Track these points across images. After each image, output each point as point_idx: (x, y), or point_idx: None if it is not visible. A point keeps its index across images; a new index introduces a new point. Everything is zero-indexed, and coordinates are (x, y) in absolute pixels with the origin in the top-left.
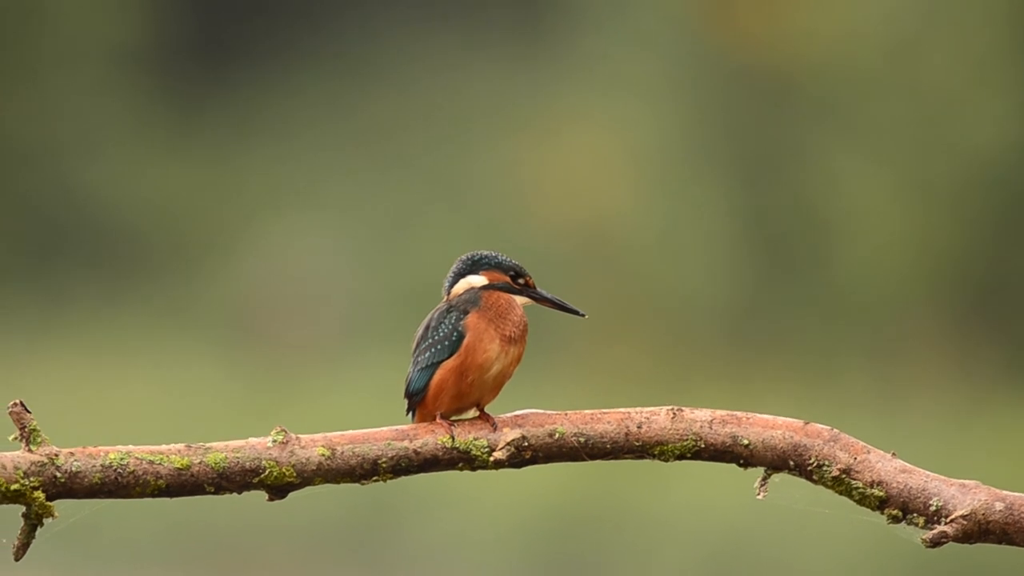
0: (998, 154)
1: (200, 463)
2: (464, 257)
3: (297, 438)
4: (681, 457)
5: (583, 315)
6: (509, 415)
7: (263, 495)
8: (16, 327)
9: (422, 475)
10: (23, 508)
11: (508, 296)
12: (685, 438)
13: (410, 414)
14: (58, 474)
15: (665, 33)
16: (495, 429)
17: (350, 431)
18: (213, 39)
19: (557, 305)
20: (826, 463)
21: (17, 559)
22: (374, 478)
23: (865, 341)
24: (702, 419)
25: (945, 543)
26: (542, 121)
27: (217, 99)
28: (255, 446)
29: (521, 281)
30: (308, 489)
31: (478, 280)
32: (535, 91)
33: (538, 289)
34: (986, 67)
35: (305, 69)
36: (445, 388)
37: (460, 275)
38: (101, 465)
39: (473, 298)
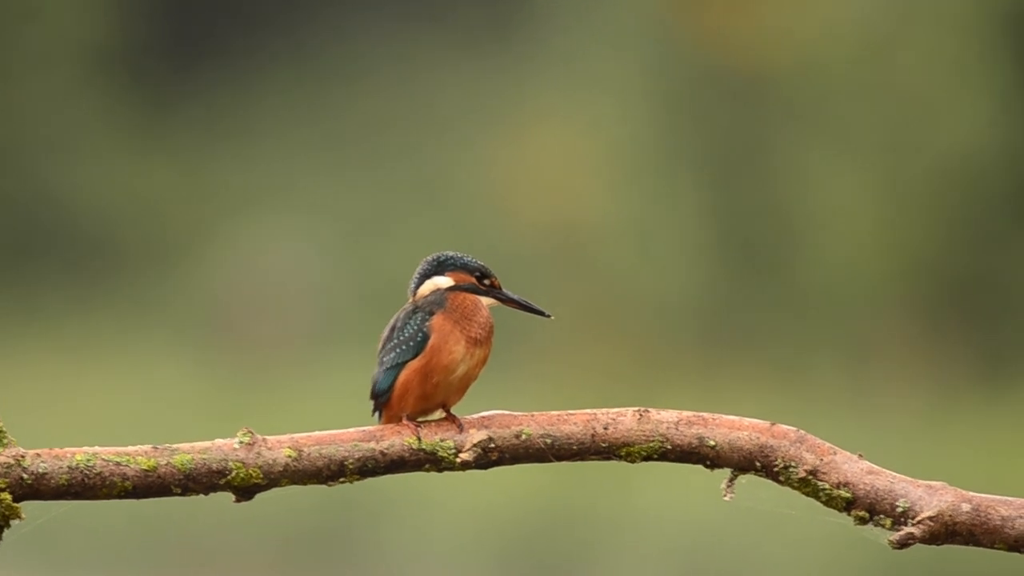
0: (971, 154)
1: (167, 464)
2: (430, 258)
3: (264, 439)
4: (648, 458)
5: (549, 316)
6: (476, 416)
7: (230, 496)
8: None
9: (390, 476)
10: None
11: (474, 297)
12: (651, 439)
13: (376, 415)
14: (25, 475)
15: (638, 32)
16: (461, 430)
17: (316, 432)
18: (186, 40)
19: (523, 306)
20: (792, 464)
21: None
22: (341, 479)
23: (836, 341)
24: (668, 420)
25: (912, 544)
26: (515, 121)
27: (190, 100)
28: (221, 447)
29: (487, 282)
30: (276, 490)
31: (444, 281)
32: (508, 91)
33: (504, 290)
34: (959, 68)
35: (278, 70)
36: (410, 389)
37: (426, 276)
38: (68, 466)
39: (439, 299)
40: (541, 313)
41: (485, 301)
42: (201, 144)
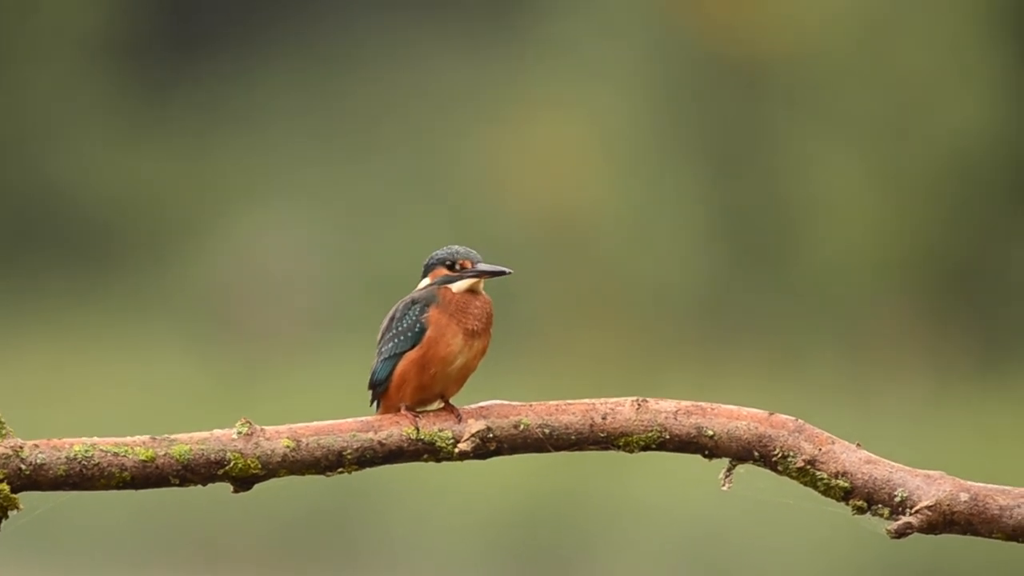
0: (971, 142)
1: (165, 455)
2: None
3: (262, 430)
4: (646, 448)
5: (509, 272)
6: (474, 406)
7: (229, 487)
8: None
9: (388, 466)
10: None
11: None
12: (650, 429)
13: (374, 405)
14: (23, 466)
15: (636, 21)
16: (460, 420)
17: (315, 423)
18: (185, 28)
19: (494, 272)
20: (791, 454)
21: None
22: (339, 470)
23: (836, 330)
24: (667, 410)
25: (910, 534)
26: (514, 110)
27: (189, 88)
28: (220, 438)
29: (458, 267)
30: (274, 481)
31: (425, 283)
32: (506, 80)
33: (476, 266)
34: (959, 55)
35: (277, 59)
36: (408, 379)
37: (423, 277)
38: (66, 457)
39: (430, 294)
40: (502, 272)
41: (464, 284)
42: (201, 133)
